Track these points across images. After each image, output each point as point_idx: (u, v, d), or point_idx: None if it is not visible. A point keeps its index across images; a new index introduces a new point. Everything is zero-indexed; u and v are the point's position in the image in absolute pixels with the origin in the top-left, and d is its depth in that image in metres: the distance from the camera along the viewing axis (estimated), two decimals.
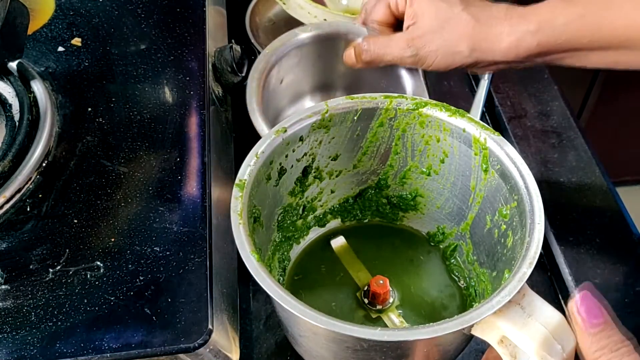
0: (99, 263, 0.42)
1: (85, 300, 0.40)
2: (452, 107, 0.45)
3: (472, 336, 0.37)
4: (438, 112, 0.45)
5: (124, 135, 0.49)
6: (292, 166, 0.47)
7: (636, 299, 0.53)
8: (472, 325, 0.35)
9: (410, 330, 0.35)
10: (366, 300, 0.48)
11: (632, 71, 0.50)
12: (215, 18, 0.62)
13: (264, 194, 0.45)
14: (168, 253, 0.42)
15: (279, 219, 0.49)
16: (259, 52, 0.61)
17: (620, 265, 0.55)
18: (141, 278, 0.41)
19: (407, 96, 0.46)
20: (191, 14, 0.59)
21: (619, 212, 0.59)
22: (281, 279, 0.50)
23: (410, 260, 0.52)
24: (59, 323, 0.40)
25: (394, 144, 0.49)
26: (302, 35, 0.61)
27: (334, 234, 0.53)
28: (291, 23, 0.71)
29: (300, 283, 0.51)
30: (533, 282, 0.56)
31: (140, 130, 0.50)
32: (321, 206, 0.52)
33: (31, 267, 0.42)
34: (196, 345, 0.39)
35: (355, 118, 0.46)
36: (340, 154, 0.49)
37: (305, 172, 0.49)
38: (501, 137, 0.43)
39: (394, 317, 0.47)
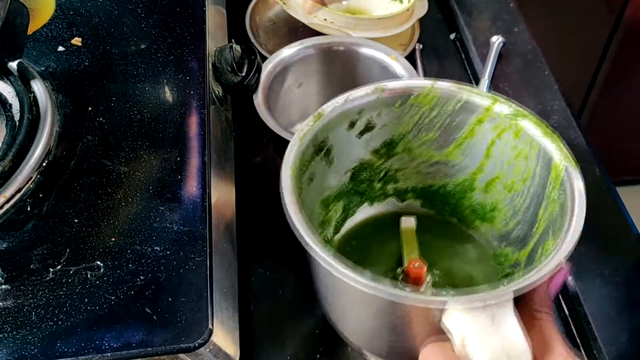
0: (99, 263, 0.42)
1: (86, 300, 0.40)
2: (549, 128, 0.44)
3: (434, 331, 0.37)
4: (533, 128, 0.44)
5: (124, 135, 0.49)
6: (381, 127, 0.47)
7: (636, 299, 0.53)
8: (443, 311, 0.35)
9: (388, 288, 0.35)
10: (400, 278, 0.48)
11: (631, 72, 0.49)
12: (215, 18, 0.62)
13: (342, 136, 0.46)
14: (168, 252, 0.42)
15: (355, 168, 0.49)
16: (259, 52, 0.61)
17: (620, 265, 0.55)
18: (141, 277, 0.41)
19: (512, 102, 0.45)
20: (191, 13, 0.59)
21: (619, 212, 0.59)
22: (338, 225, 0.50)
23: (466, 269, 0.51)
24: (60, 322, 0.40)
25: (487, 146, 0.48)
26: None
27: (408, 214, 0.53)
28: (291, 23, 0.71)
29: (351, 242, 0.51)
30: None
31: (140, 129, 0.50)
32: (404, 181, 0.52)
33: (32, 266, 0.42)
34: (196, 344, 0.39)
35: (457, 107, 0.46)
36: (433, 137, 0.49)
37: (393, 140, 0.49)
38: (578, 172, 0.42)
39: None
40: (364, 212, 0.53)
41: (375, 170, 0.51)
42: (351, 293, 0.39)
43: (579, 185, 0.41)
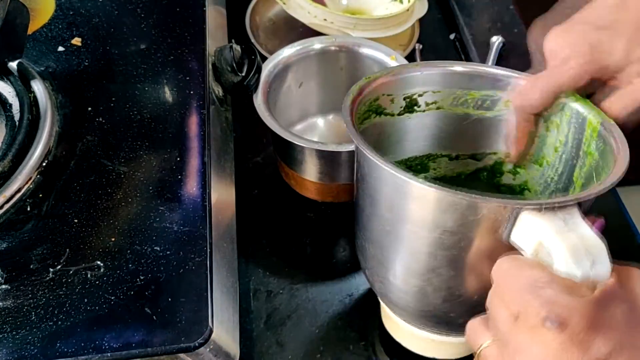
0: (99, 262, 0.42)
1: (86, 300, 0.40)
2: (579, 94, 0.44)
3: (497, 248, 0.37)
4: (563, 96, 0.45)
5: (124, 135, 0.49)
6: (422, 107, 0.49)
7: None
8: (514, 225, 0.35)
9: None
10: None
11: None
12: (215, 18, 0.62)
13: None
14: (168, 252, 0.42)
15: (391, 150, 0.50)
16: (259, 52, 0.61)
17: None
18: (141, 277, 0.41)
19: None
20: (191, 13, 0.59)
21: (619, 212, 0.59)
22: None
23: None
24: (60, 322, 0.40)
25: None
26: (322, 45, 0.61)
27: None
28: (291, 23, 0.71)
29: None
30: None
31: (140, 129, 0.50)
32: (434, 169, 0.53)
33: (31, 266, 0.42)
34: (196, 344, 0.39)
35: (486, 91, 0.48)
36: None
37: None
38: (613, 124, 0.42)
39: None
40: None
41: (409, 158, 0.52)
42: (415, 211, 0.39)
43: (617, 131, 0.41)
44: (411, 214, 0.40)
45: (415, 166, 0.52)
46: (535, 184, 0.50)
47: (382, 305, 0.50)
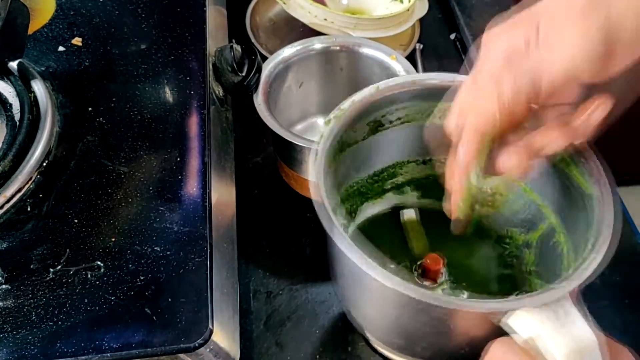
0: (99, 263, 0.42)
1: (86, 300, 0.40)
2: None
3: (494, 334, 0.37)
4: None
5: (124, 135, 0.49)
6: (387, 125, 0.48)
7: (637, 299, 0.53)
8: (507, 312, 0.35)
9: (456, 299, 0.35)
10: (416, 274, 0.48)
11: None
12: (215, 18, 0.62)
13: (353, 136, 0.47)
14: (168, 253, 0.42)
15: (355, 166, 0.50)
16: (259, 52, 0.61)
17: (621, 265, 0.55)
18: (141, 278, 0.41)
19: None
20: (192, 13, 0.59)
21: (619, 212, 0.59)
22: (345, 228, 0.50)
23: (472, 250, 0.51)
24: (60, 323, 0.40)
25: None
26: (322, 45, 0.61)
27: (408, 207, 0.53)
28: (291, 23, 0.71)
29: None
30: None
31: (140, 130, 0.50)
32: (402, 174, 0.53)
33: (32, 266, 0.42)
34: (196, 345, 0.39)
35: None
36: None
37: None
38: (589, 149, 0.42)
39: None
40: (362, 213, 0.53)
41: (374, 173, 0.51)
42: (392, 299, 0.38)
43: (596, 163, 0.41)
44: (385, 299, 0.39)
45: (383, 176, 0.52)
46: (508, 191, 0.50)
47: None
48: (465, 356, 0.41)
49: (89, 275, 0.42)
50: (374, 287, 0.38)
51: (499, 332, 0.36)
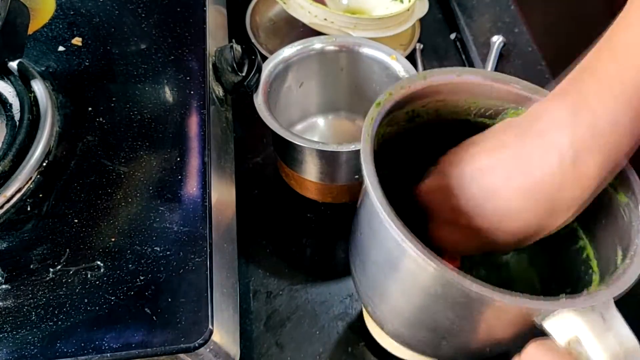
0: (99, 263, 0.42)
1: (86, 300, 0.40)
2: None
3: (527, 334, 0.36)
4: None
5: (124, 135, 0.49)
6: (423, 117, 0.47)
7: (636, 299, 0.53)
8: (547, 314, 0.34)
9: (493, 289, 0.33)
10: None
11: None
12: (215, 18, 0.62)
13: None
14: (168, 253, 0.42)
15: None
16: (259, 52, 0.61)
17: None
18: (141, 278, 0.41)
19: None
20: (192, 13, 0.59)
21: None
22: None
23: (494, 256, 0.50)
24: (60, 323, 0.40)
25: None
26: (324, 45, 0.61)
27: None
28: (292, 23, 0.71)
29: None
30: None
31: (140, 130, 0.50)
32: None
33: (31, 266, 0.42)
34: (196, 345, 0.39)
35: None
36: None
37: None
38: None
39: None
40: None
41: None
42: (433, 287, 0.37)
43: None
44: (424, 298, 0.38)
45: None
46: None
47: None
48: (485, 357, 0.41)
49: (88, 275, 0.42)
50: (416, 273, 0.36)
51: (528, 334, 0.35)
